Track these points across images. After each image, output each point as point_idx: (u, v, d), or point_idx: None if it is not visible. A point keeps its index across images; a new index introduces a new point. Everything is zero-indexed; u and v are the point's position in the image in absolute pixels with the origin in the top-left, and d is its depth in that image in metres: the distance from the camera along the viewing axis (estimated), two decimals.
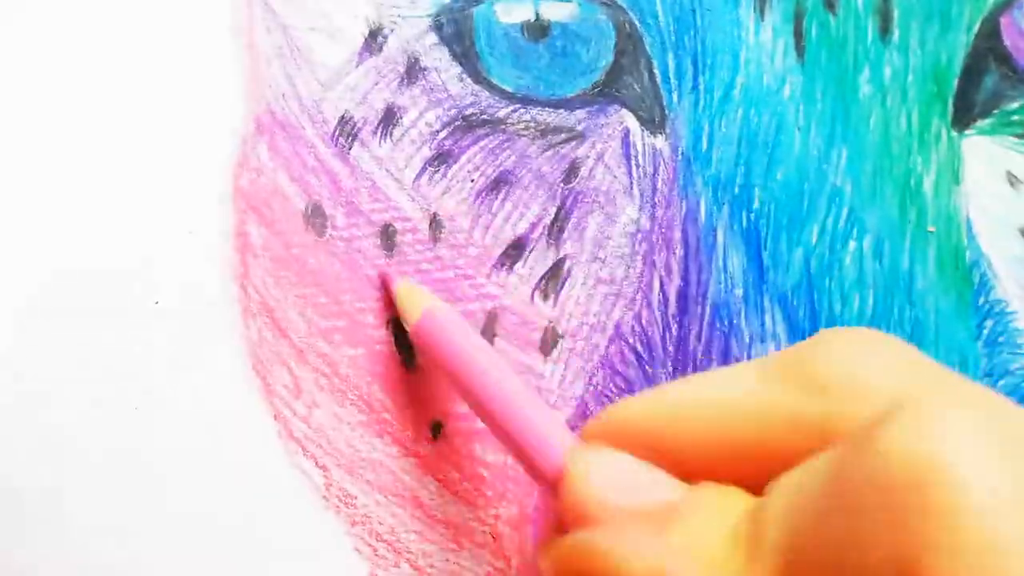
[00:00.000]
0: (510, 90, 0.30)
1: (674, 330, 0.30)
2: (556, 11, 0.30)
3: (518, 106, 0.30)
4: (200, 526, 0.29)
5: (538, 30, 0.30)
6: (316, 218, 0.30)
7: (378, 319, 0.30)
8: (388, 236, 0.30)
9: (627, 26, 0.30)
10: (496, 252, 0.30)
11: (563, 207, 0.31)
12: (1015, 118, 0.32)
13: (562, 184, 0.31)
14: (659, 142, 0.31)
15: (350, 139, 0.30)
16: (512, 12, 0.30)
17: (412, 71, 0.30)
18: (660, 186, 0.31)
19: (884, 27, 0.31)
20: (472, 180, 0.30)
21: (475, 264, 0.30)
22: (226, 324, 0.29)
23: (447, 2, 0.30)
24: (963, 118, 0.32)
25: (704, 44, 0.31)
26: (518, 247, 0.30)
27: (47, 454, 0.28)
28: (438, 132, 0.30)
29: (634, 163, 0.31)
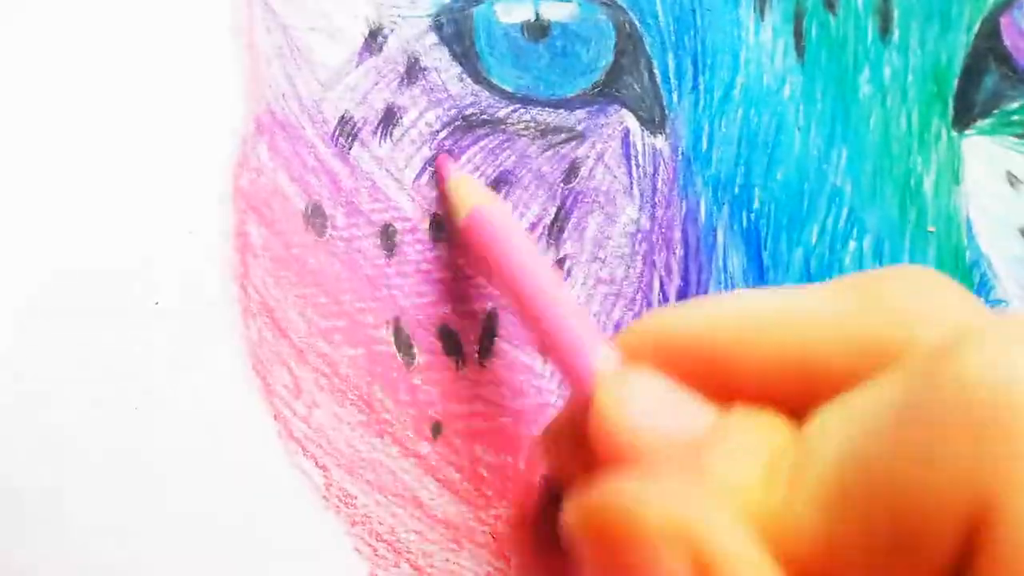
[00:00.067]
0: (510, 90, 0.30)
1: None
2: (556, 11, 0.30)
3: (518, 106, 0.30)
4: (200, 526, 0.29)
5: (538, 30, 0.30)
6: (316, 218, 0.30)
7: (378, 319, 0.30)
8: (388, 236, 0.30)
9: (627, 26, 0.30)
10: None
11: (563, 207, 0.31)
12: (1015, 118, 0.32)
13: (562, 184, 0.31)
14: (659, 142, 0.31)
15: (350, 139, 0.30)
16: (512, 12, 0.30)
17: (412, 71, 0.30)
18: (660, 186, 0.31)
19: (884, 27, 0.31)
20: None
21: (475, 264, 0.30)
22: (226, 324, 0.29)
23: (447, 2, 0.30)
24: (963, 118, 0.32)
25: (704, 44, 0.31)
26: None
27: (47, 454, 0.28)
28: (438, 132, 0.30)
29: (634, 163, 0.31)
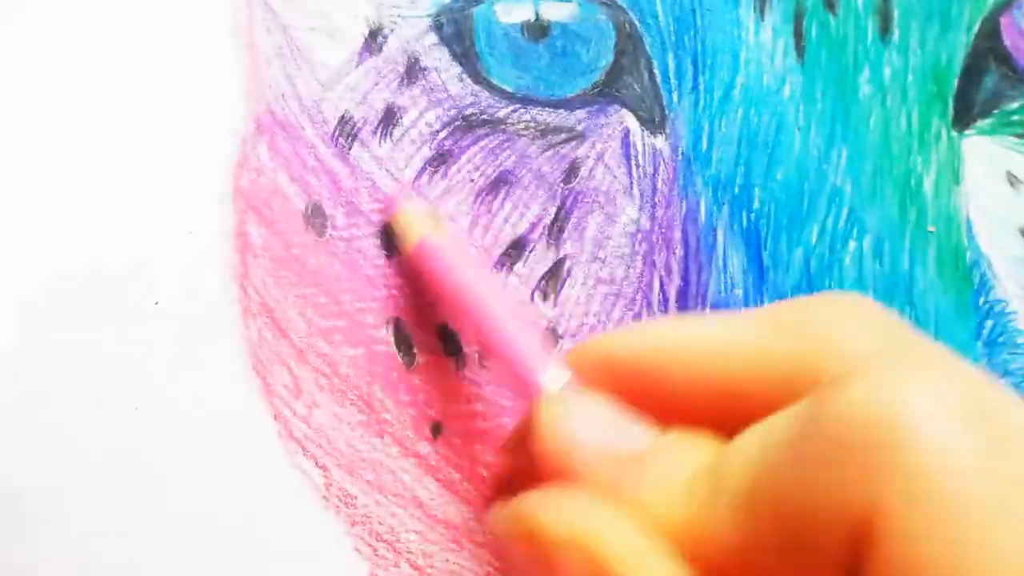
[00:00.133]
0: (510, 90, 0.30)
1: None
2: (556, 11, 0.30)
3: (518, 106, 0.30)
4: (200, 526, 0.29)
5: (538, 30, 0.30)
6: (316, 218, 0.30)
7: (378, 319, 0.30)
8: (388, 236, 0.30)
9: (627, 26, 0.30)
10: (496, 252, 0.30)
11: (563, 207, 0.31)
12: (1015, 118, 0.32)
13: (562, 184, 0.31)
14: (659, 142, 0.31)
15: (350, 139, 0.30)
16: (512, 12, 0.30)
17: (412, 71, 0.30)
18: (660, 186, 0.31)
19: (884, 27, 0.31)
20: (472, 180, 0.30)
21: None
22: (226, 324, 0.29)
23: (447, 2, 0.30)
24: (963, 118, 0.32)
25: (704, 44, 0.31)
26: (518, 247, 0.30)
27: (47, 454, 0.28)
28: (438, 132, 0.30)
29: (634, 163, 0.31)
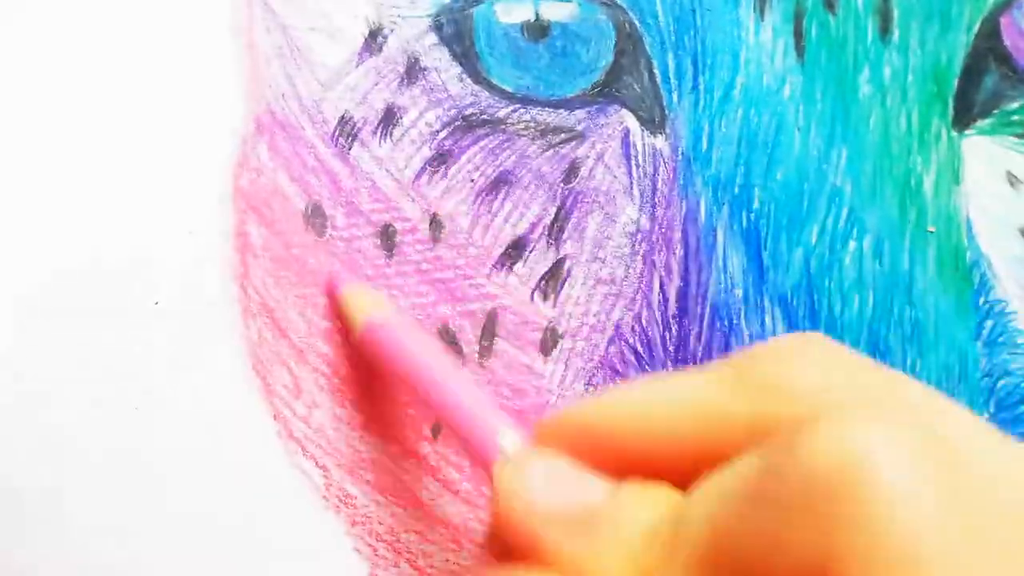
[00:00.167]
0: (510, 90, 0.30)
1: (674, 330, 0.30)
2: (556, 11, 0.30)
3: (518, 106, 0.30)
4: (200, 526, 0.29)
5: (538, 30, 0.30)
6: (316, 218, 0.30)
7: None
8: (388, 236, 0.30)
9: (627, 26, 0.30)
10: (496, 252, 0.30)
11: (563, 207, 0.31)
12: (1015, 118, 0.32)
13: (562, 184, 0.31)
14: (659, 142, 0.31)
15: (350, 139, 0.30)
16: (512, 12, 0.30)
17: (412, 71, 0.30)
18: (660, 186, 0.31)
19: (884, 27, 0.31)
20: (472, 180, 0.30)
21: (475, 264, 0.30)
22: (226, 324, 0.29)
23: (447, 2, 0.30)
24: (963, 118, 0.32)
25: (704, 44, 0.31)
26: (518, 247, 0.30)
27: (47, 454, 0.28)
28: (438, 132, 0.30)
29: (634, 163, 0.31)
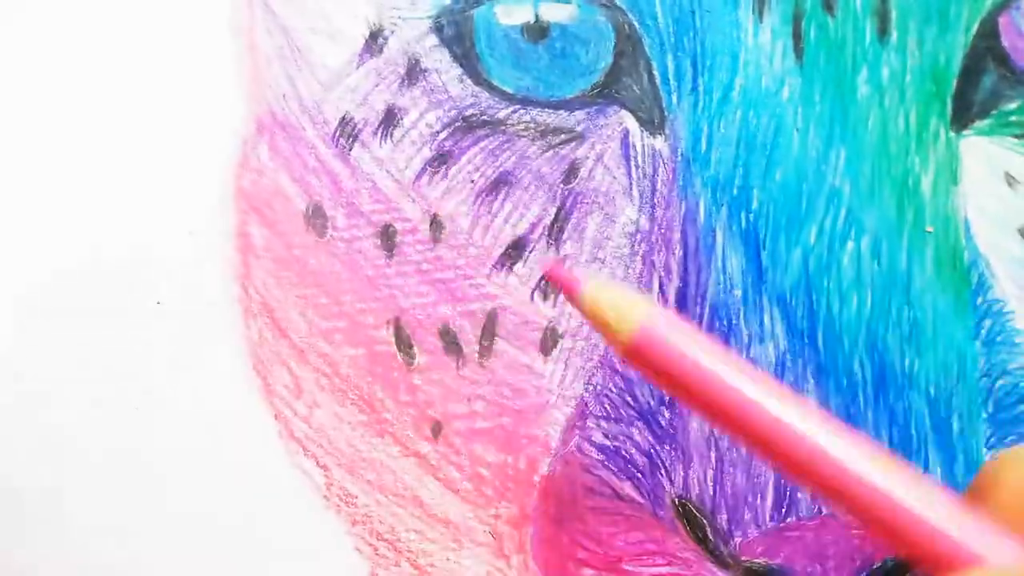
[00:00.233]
0: (510, 91, 0.30)
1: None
2: (556, 13, 0.30)
3: (518, 107, 0.30)
4: (201, 526, 0.29)
5: (538, 32, 0.30)
6: (317, 219, 0.30)
7: (378, 319, 0.30)
8: (388, 237, 0.30)
9: (626, 28, 0.30)
10: (496, 252, 0.30)
11: (563, 208, 0.31)
12: (1013, 118, 0.32)
13: (562, 185, 0.31)
14: (658, 143, 0.31)
15: (351, 140, 0.30)
16: (512, 14, 0.30)
17: (412, 72, 0.30)
18: (659, 187, 0.31)
19: (882, 28, 0.31)
20: (472, 181, 0.30)
21: (475, 264, 0.30)
22: (227, 324, 0.29)
23: (447, 4, 0.30)
24: (961, 118, 0.32)
25: (703, 46, 0.31)
26: (518, 247, 0.30)
27: (47, 454, 0.28)
28: (438, 133, 0.30)
29: (633, 164, 0.31)
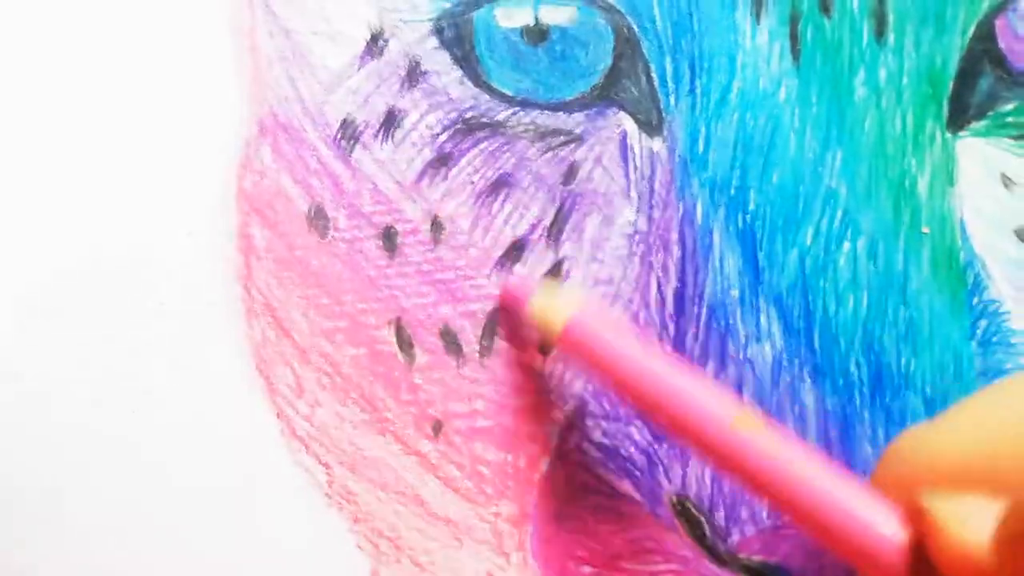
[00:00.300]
0: (510, 93, 0.30)
1: (671, 330, 0.30)
2: (555, 15, 0.30)
3: (517, 109, 0.30)
4: (202, 525, 0.29)
5: (537, 34, 0.30)
6: (318, 220, 0.30)
7: (379, 319, 0.30)
8: (389, 238, 0.30)
9: (625, 30, 0.30)
10: (496, 253, 0.30)
11: (562, 209, 0.31)
12: (1010, 120, 0.32)
13: (561, 186, 0.31)
14: (656, 145, 0.31)
15: (352, 142, 0.30)
16: (512, 16, 0.30)
17: (413, 74, 0.30)
18: (657, 188, 0.31)
19: (879, 30, 0.31)
20: (472, 182, 0.30)
21: (475, 265, 0.30)
22: (229, 324, 0.29)
23: (448, 6, 0.30)
24: (958, 120, 0.32)
25: (701, 48, 0.31)
26: (518, 248, 0.30)
27: (47, 454, 0.28)
28: (439, 135, 0.30)
29: (632, 165, 0.31)
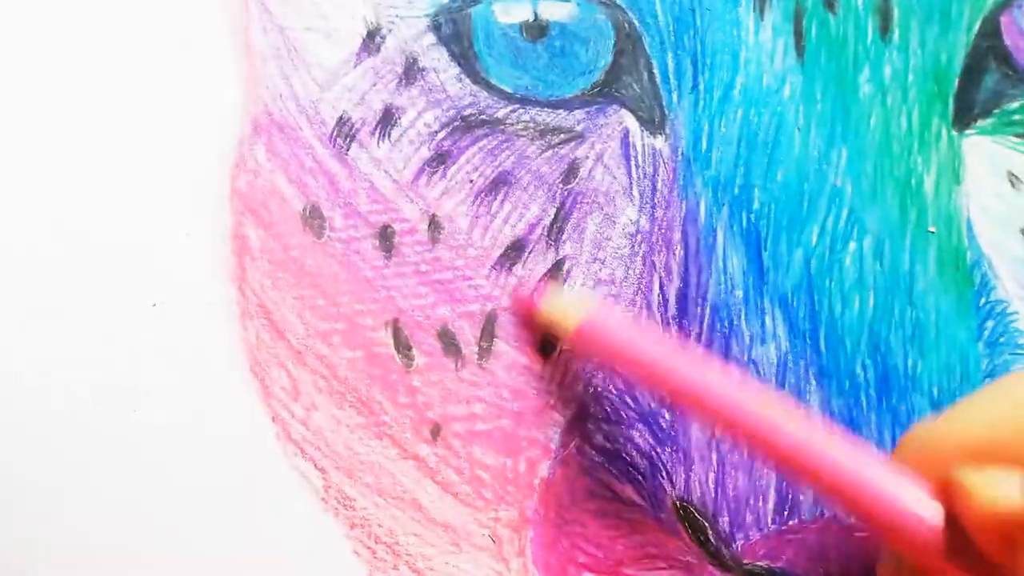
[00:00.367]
0: (509, 90, 0.30)
1: (674, 331, 0.30)
2: (555, 11, 0.30)
3: (517, 106, 0.30)
4: (198, 528, 0.29)
5: (536, 30, 0.30)
6: (314, 219, 0.30)
7: (376, 321, 0.30)
8: (386, 237, 0.30)
9: (626, 26, 0.30)
10: (495, 253, 0.30)
11: (562, 208, 0.30)
12: (1016, 117, 0.32)
13: (561, 185, 0.30)
14: (659, 142, 0.31)
15: (348, 140, 0.30)
16: (510, 12, 0.30)
17: (410, 71, 0.30)
18: (660, 187, 0.31)
19: (884, 26, 0.31)
20: (471, 181, 0.30)
21: (474, 265, 0.30)
22: (224, 326, 0.29)
23: (445, 2, 0.30)
24: (963, 118, 0.32)
25: (704, 44, 0.30)
26: (517, 248, 0.30)
27: (44, 456, 0.28)
28: (437, 133, 0.30)
29: (633, 164, 0.31)
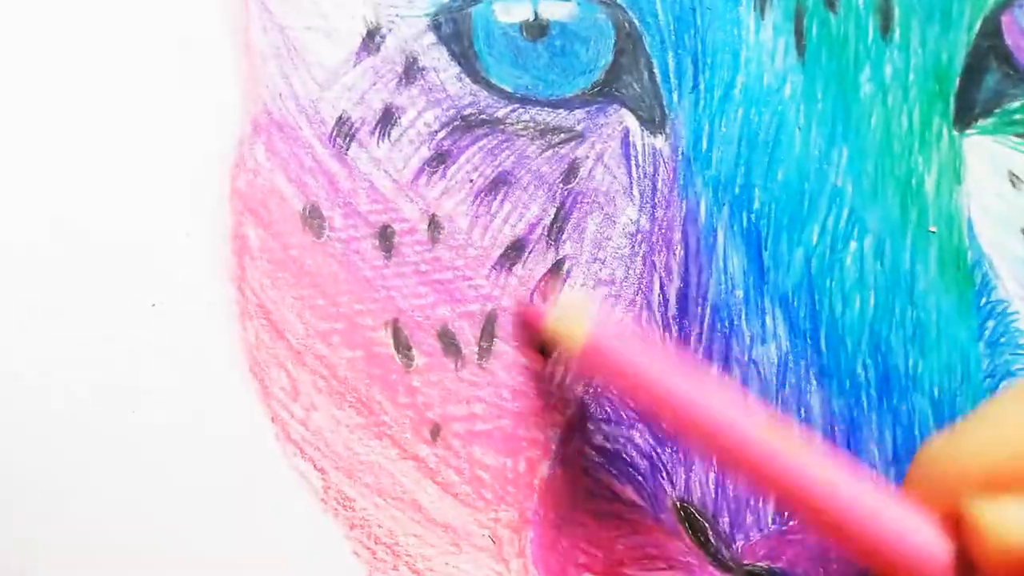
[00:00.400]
0: (509, 90, 0.30)
1: (674, 331, 0.30)
2: (555, 10, 0.30)
3: (517, 106, 0.30)
4: (198, 529, 0.29)
5: (537, 29, 0.30)
6: (314, 219, 0.30)
7: (376, 321, 0.30)
8: (386, 237, 0.30)
9: (627, 25, 0.30)
10: (495, 253, 0.30)
11: (562, 208, 0.30)
12: (1017, 117, 0.32)
13: (561, 184, 0.30)
14: (659, 142, 0.31)
15: (348, 139, 0.30)
16: (511, 11, 0.30)
17: (410, 71, 0.30)
18: (660, 186, 0.31)
19: (885, 26, 0.31)
20: (471, 180, 0.30)
21: (474, 265, 0.30)
22: (223, 326, 0.29)
23: (445, 1, 0.30)
24: (964, 117, 0.32)
25: (704, 43, 0.30)
26: (517, 248, 0.30)
27: (47, 454, 0.28)
28: (436, 132, 0.30)
29: (634, 163, 0.31)
